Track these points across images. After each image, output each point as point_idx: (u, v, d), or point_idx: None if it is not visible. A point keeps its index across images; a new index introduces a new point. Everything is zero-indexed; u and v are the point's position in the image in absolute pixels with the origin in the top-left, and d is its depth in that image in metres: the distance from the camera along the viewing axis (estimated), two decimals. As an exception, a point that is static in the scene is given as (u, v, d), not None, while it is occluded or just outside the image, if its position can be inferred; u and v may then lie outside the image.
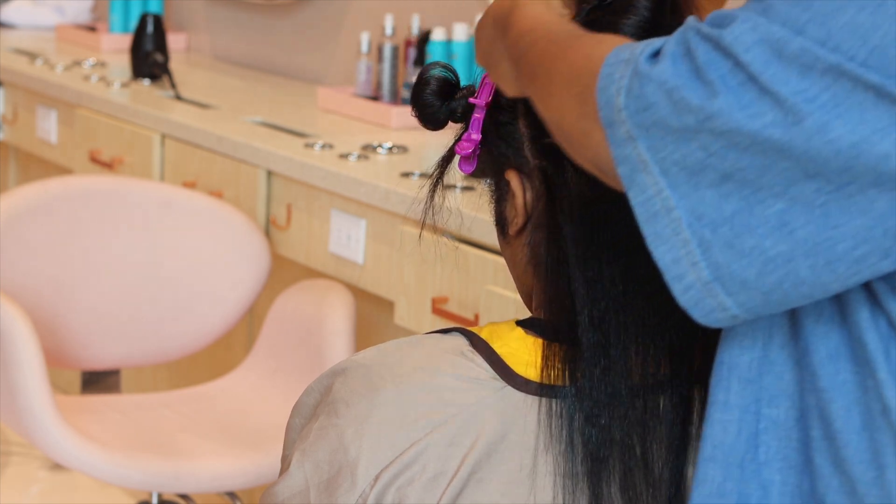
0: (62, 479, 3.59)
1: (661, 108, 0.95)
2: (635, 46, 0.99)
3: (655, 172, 0.96)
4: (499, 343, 1.23)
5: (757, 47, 0.93)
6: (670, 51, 0.96)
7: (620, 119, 0.97)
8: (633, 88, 0.96)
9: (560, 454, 1.19)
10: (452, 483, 1.19)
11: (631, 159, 0.97)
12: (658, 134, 0.96)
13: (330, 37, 3.84)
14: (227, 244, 2.92)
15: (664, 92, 0.95)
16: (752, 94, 0.92)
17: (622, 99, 0.97)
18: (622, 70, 0.98)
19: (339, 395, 1.24)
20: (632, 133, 0.97)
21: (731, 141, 0.93)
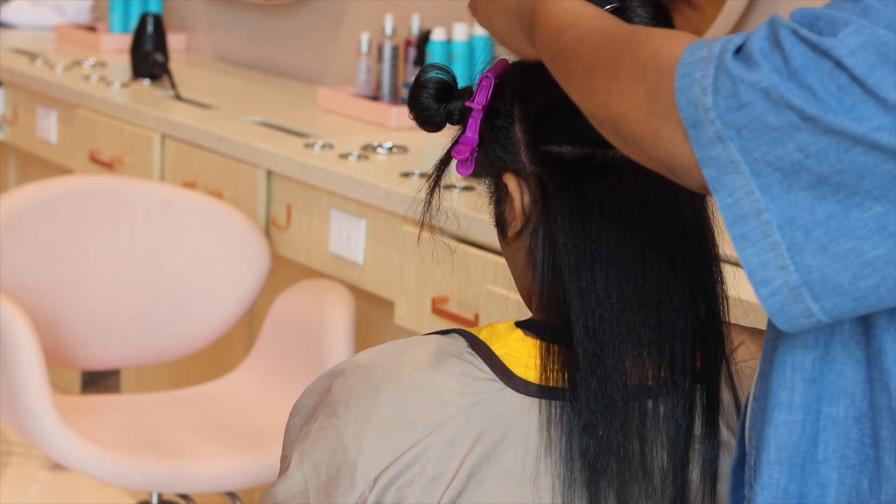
0: (62, 479, 3.59)
1: (758, 106, 0.93)
2: (712, 44, 0.97)
3: (747, 173, 0.94)
4: (498, 344, 1.23)
5: (862, 51, 0.91)
6: (760, 49, 0.94)
7: (708, 119, 0.95)
8: (721, 87, 0.94)
9: (559, 459, 1.19)
10: (452, 484, 1.19)
11: (719, 160, 0.95)
12: (752, 134, 0.93)
13: (330, 37, 3.84)
14: (227, 244, 2.92)
15: (759, 91, 0.93)
16: (855, 97, 0.91)
17: (710, 98, 0.94)
18: (703, 68, 0.95)
19: (339, 396, 1.24)
20: (721, 133, 0.94)
21: (833, 143, 0.91)
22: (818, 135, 0.92)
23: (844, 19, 0.93)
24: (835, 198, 0.92)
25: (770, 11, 2.68)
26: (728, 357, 1.24)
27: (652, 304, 1.20)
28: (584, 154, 1.21)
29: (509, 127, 1.25)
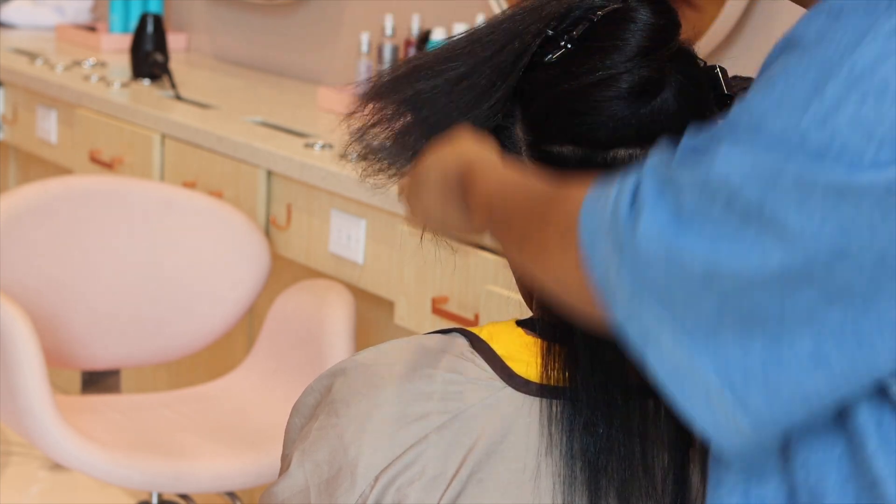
0: (62, 479, 3.59)
1: (662, 276, 0.91)
2: (606, 206, 0.95)
3: (671, 331, 0.92)
4: (499, 343, 1.23)
5: (750, 182, 0.89)
6: (651, 205, 0.92)
7: (621, 289, 0.93)
8: (627, 264, 0.93)
9: (560, 458, 1.19)
10: (452, 483, 1.19)
11: (644, 324, 0.93)
12: (666, 297, 0.92)
13: (330, 37, 3.84)
14: (227, 244, 2.92)
15: (662, 261, 0.91)
16: (752, 231, 0.89)
17: (614, 277, 0.93)
18: (605, 245, 0.94)
19: (339, 395, 1.24)
20: (642, 298, 0.93)
21: (744, 284, 0.89)
22: (726, 279, 0.90)
23: (718, 140, 0.91)
24: (764, 334, 0.90)
25: (770, 11, 2.68)
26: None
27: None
28: (585, 154, 1.21)
29: (510, 127, 1.25)
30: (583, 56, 1.21)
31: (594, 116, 1.20)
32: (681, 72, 1.21)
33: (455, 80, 1.24)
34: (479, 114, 1.24)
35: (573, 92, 1.20)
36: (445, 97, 1.24)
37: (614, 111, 1.19)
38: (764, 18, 2.69)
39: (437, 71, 1.25)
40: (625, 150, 1.20)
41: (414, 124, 1.26)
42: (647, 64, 1.20)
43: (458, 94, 1.24)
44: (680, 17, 1.24)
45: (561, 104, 1.21)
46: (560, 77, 1.21)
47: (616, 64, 1.20)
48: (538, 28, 1.23)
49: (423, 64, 1.27)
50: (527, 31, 1.23)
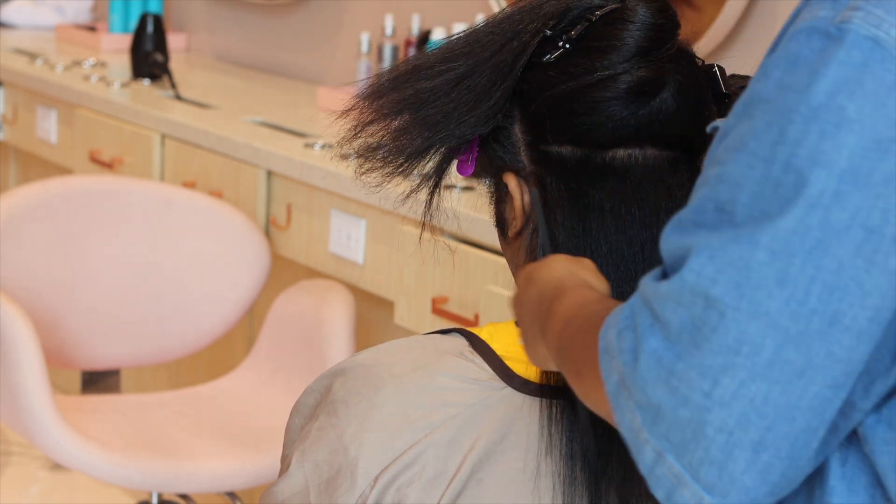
0: (62, 479, 3.59)
1: (666, 403, 0.90)
2: (610, 355, 0.94)
3: (689, 481, 0.90)
4: (499, 344, 1.23)
5: (721, 277, 0.89)
6: (642, 320, 0.92)
7: (643, 440, 0.92)
8: (638, 398, 0.91)
9: (560, 458, 1.19)
10: (452, 483, 1.19)
11: (664, 479, 0.92)
12: (677, 437, 0.90)
13: (330, 37, 3.84)
14: (227, 244, 2.92)
15: (666, 394, 0.90)
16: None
17: (638, 418, 0.92)
18: (623, 393, 0.93)
19: (339, 396, 1.24)
20: (657, 448, 0.91)
21: None
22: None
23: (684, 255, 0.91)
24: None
25: (770, 12, 2.68)
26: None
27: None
28: (584, 154, 1.21)
29: (509, 127, 1.25)
30: (581, 56, 1.21)
31: (593, 117, 1.20)
32: (679, 72, 1.21)
33: (455, 80, 1.24)
34: (479, 114, 1.24)
35: (572, 92, 1.20)
36: (445, 97, 1.24)
37: (613, 111, 1.19)
38: (764, 18, 2.69)
39: (436, 71, 1.25)
40: (624, 150, 1.20)
41: (412, 124, 1.26)
42: (645, 64, 1.20)
43: (457, 95, 1.24)
44: (679, 17, 1.24)
45: (559, 104, 1.21)
46: (558, 77, 1.21)
47: (614, 64, 1.20)
48: (536, 28, 1.22)
49: (422, 64, 1.27)
50: (525, 31, 1.23)
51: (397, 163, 1.27)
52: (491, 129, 1.25)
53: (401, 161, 1.27)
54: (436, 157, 1.28)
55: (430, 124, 1.25)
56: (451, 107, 1.24)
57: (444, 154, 1.29)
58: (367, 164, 1.29)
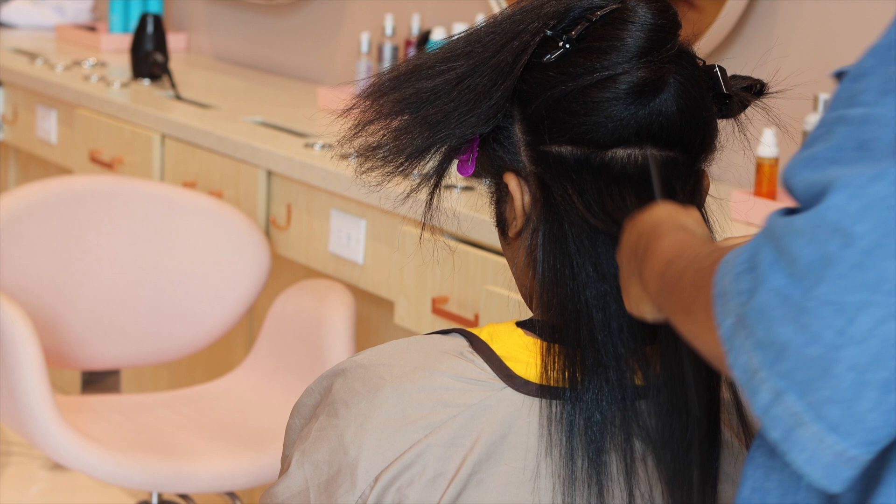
0: (62, 479, 3.59)
1: (794, 341, 0.88)
2: (725, 299, 0.92)
3: (810, 421, 0.88)
4: (499, 344, 1.23)
5: (867, 215, 0.86)
6: (764, 257, 0.90)
7: (761, 379, 0.90)
8: (758, 337, 0.89)
9: (560, 459, 1.19)
10: (452, 484, 1.19)
11: (782, 419, 0.89)
12: (801, 375, 0.88)
13: (330, 37, 3.84)
14: (227, 244, 2.92)
15: (783, 322, 0.88)
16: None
17: (756, 358, 0.90)
18: (738, 334, 0.91)
19: (339, 396, 1.24)
20: (777, 388, 0.89)
21: None
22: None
23: (830, 182, 0.89)
24: None
25: (770, 11, 2.68)
26: (728, 357, 1.24)
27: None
28: (584, 154, 1.21)
29: (509, 127, 1.25)
30: (581, 56, 1.21)
31: (593, 117, 1.20)
32: (680, 72, 1.21)
33: (455, 80, 1.24)
34: (480, 114, 1.24)
35: (572, 92, 1.20)
36: (445, 97, 1.24)
37: (613, 112, 1.19)
38: (764, 18, 2.69)
39: (437, 71, 1.25)
40: (624, 150, 1.20)
41: (413, 123, 1.26)
42: (646, 65, 1.20)
43: (458, 94, 1.24)
44: (680, 17, 1.24)
45: (560, 104, 1.21)
46: (558, 77, 1.21)
47: (614, 64, 1.20)
48: (537, 28, 1.22)
49: (423, 64, 1.27)
50: (526, 31, 1.23)
51: (397, 162, 1.27)
52: (491, 129, 1.25)
53: (401, 161, 1.27)
54: (436, 156, 1.28)
55: (431, 124, 1.25)
56: (451, 106, 1.24)
57: (444, 154, 1.29)
58: (368, 164, 1.29)
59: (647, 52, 1.20)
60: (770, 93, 1.28)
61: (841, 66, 0.98)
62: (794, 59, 2.56)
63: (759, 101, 1.28)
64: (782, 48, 2.60)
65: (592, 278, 1.20)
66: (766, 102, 1.28)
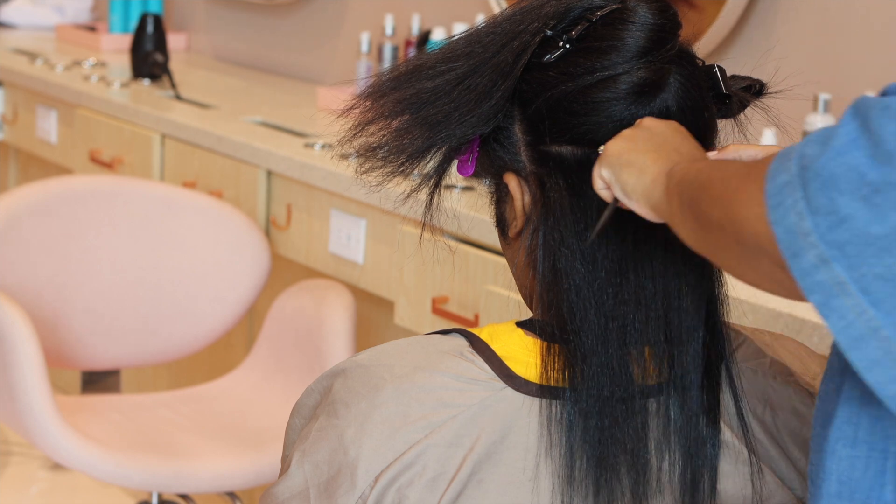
0: (62, 479, 3.59)
1: (859, 218, 0.88)
2: (787, 158, 0.93)
3: (855, 292, 0.89)
4: (499, 344, 1.23)
5: None
6: (846, 136, 0.90)
7: (809, 243, 0.90)
8: (819, 207, 0.90)
9: (560, 459, 1.19)
10: (452, 484, 1.19)
11: (825, 285, 0.90)
12: (856, 249, 0.89)
13: (330, 37, 3.84)
14: (227, 244, 2.92)
15: (856, 195, 0.88)
16: None
17: (808, 222, 0.90)
18: (791, 193, 0.91)
19: (339, 396, 1.24)
20: (825, 255, 0.90)
21: None
22: None
23: None
24: None
25: (770, 11, 2.68)
26: (728, 358, 1.24)
27: (652, 302, 1.20)
28: (584, 154, 1.21)
29: (509, 127, 1.25)
30: (581, 56, 1.21)
31: (593, 117, 1.20)
32: (680, 73, 1.21)
33: (456, 80, 1.24)
34: (480, 114, 1.24)
35: (572, 93, 1.20)
36: (446, 97, 1.24)
37: (613, 112, 1.19)
38: (764, 18, 2.69)
39: (437, 71, 1.25)
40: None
41: (413, 123, 1.26)
42: (646, 65, 1.20)
43: (458, 95, 1.24)
44: (680, 17, 1.24)
45: (560, 105, 1.21)
46: (559, 77, 1.21)
47: (614, 65, 1.20)
48: (537, 28, 1.22)
49: (423, 64, 1.26)
50: (526, 31, 1.23)
51: (398, 162, 1.27)
52: (491, 129, 1.25)
53: (401, 161, 1.27)
54: (436, 157, 1.28)
55: (431, 124, 1.25)
56: (451, 107, 1.24)
57: (444, 154, 1.29)
58: (368, 164, 1.29)
59: (648, 52, 1.20)
60: (769, 93, 1.28)
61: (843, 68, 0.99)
62: (794, 59, 2.56)
63: (758, 101, 1.28)
64: (782, 48, 2.59)
65: (592, 278, 1.20)
66: (765, 102, 1.28)
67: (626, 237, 1.20)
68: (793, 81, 1.28)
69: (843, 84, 2.50)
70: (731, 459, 1.23)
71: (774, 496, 1.24)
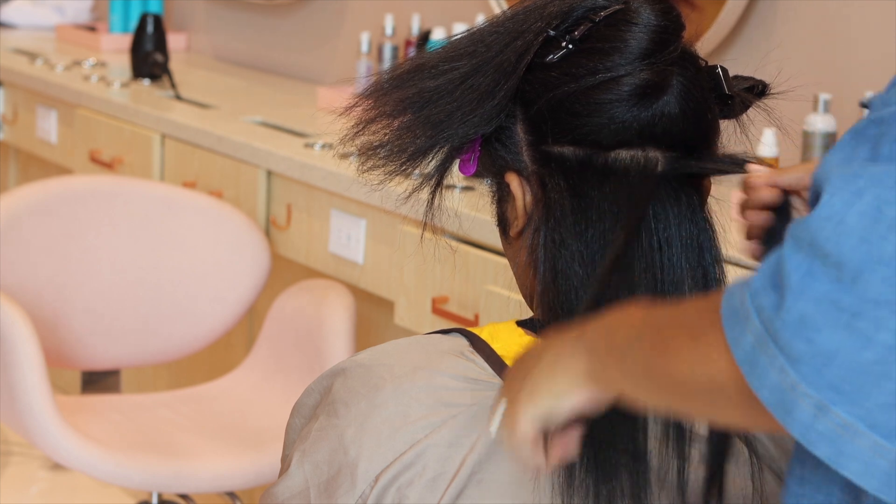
0: (62, 479, 3.59)
1: (846, 346, 0.83)
2: (739, 319, 0.88)
3: (864, 431, 0.84)
4: (499, 344, 1.23)
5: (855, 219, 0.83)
6: (794, 268, 0.85)
7: (800, 394, 0.85)
8: (795, 351, 0.85)
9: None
10: (453, 484, 1.19)
11: (830, 434, 0.85)
12: (852, 384, 0.84)
13: (330, 37, 3.84)
14: (227, 244, 2.92)
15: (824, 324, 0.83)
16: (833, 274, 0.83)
17: (792, 374, 0.85)
18: (765, 352, 0.86)
19: (339, 396, 1.24)
20: (821, 402, 0.85)
21: None
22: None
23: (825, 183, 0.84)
24: None
25: (770, 11, 2.68)
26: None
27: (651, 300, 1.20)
28: (586, 154, 1.21)
29: (511, 127, 1.25)
30: (584, 57, 1.21)
31: (595, 118, 1.19)
32: (683, 74, 1.21)
33: (458, 79, 1.24)
34: (482, 113, 1.23)
35: (574, 93, 1.20)
36: (448, 96, 1.24)
37: (615, 114, 1.19)
38: (764, 18, 2.69)
39: (440, 70, 1.25)
40: (626, 151, 1.20)
41: (415, 123, 1.26)
42: (648, 66, 1.19)
43: (461, 94, 1.24)
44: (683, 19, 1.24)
45: (562, 105, 1.20)
46: (561, 78, 1.21)
47: (617, 66, 1.19)
48: (540, 28, 1.22)
49: (425, 63, 1.26)
50: (529, 31, 1.23)
51: (399, 162, 1.27)
52: (493, 128, 1.25)
53: (403, 160, 1.27)
54: (438, 156, 1.28)
55: (433, 123, 1.25)
56: (454, 106, 1.24)
57: (446, 153, 1.29)
58: (369, 163, 1.29)
59: (651, 53, 1.20)
60: (771, 93, 1.28)
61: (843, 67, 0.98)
62: (794, 59, 2.56)
63: (760, 101, 1.28)
64: (782, 48, 2.59)
65: (590, 280, 1.20)
66: (766, 103, 1.28)
67: (619, 246, 1.20)
68: (793, 82, 1.28)
69: (843, 84, 2.50)
70: (732, 459, 1.23)
71: (775, 495, 1.24)
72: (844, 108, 2.42)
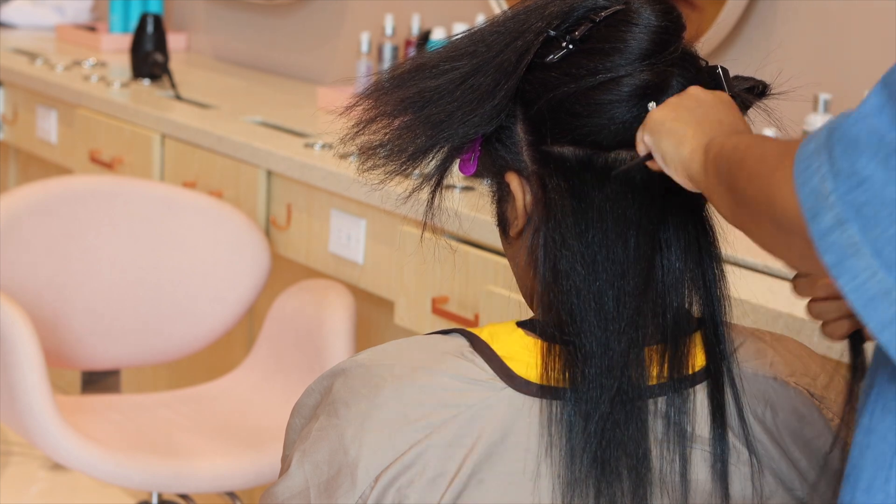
0: (62, 479, 3.59)
1: (877, 180, 0.90)
2: (816, 133, 0.95)
3: (868, 254, 0.91)
4: (499, 344, 1.23)
5: None
6: (873, 100, 0.91)
7: (828, 205, 0.92)
8: (840, 170, 0.92)
9: (560, 459, 1.19)
10: (453, 484, 1.19)
11: (839, 246, 0.92)
12: (872, 210, 0.91)
13: (330, 37, 3.84)
14: (227, 244, 2.92)
15: (878, 156, 0.90)
16: None
17: (829, 183, 0.92)
18: (818, 158, 0.94)
19: (339, 396, 1.24)
20: (842, 216, 0.91)
21: None
22: None
23: None
24: None
25: (770, 11, 2.68)
26: (729, 358, 1.24)
27: (653, 303, 1.20)
28: (586, 155, 1.21)
29: (512, 127, 1.25)
30: (584, 57, 1.21)
31: (595, 119, 1.19)
32: (683, 74, 1.21)
33: (459, 79, 1.24)
34: (483, 113, 1.23)
35: (574, 94, 1.20)
36: (449, 96, 1.24)
37: (615, 114, 1.19)
38: (764, 18, 2.69)
39: (440, 70, 1.25)
40: (626, 151, 1.20)
41: (416, 123, 1.26)
42: (648, 67, 1.19)
43: (461, 94, 1.24)
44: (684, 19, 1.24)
45: (562, 106, 1.20)
46: (561, 78, 1.21)
47: (617, 66, 1.19)
48: (541, 28, 1.22)
49: (426, 63, 1.26)
50: (529, 31, 1.23)
51: (399, 161, 1.27)
52: (494, 128, 1.25)
53: (403, 160, 1.27)
54: (438, 156, 1.28)
55: (434, 123, 1.25)
56: (454, 106, 1.24)
57: (446, 153, 1.29)
58: (369, 163, 1.29)
59: (651, 54, 1.20)
60: (771, 94, 1.28)
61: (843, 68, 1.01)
62: (794, 59, 2.56)
63: (760, 102, 1.28)
64: (782, 49, 2.59)
65: (592, 279, 1.20)
66: (766, 103, 1.28)
67: (627, 239, 1.20)
68: (793, 82, 1.28)
69: (843, 84, 2.50)
70: (732, 460, 1.23)
71: (775, 496, 1.24)
72: (844, 108, 2.42)
